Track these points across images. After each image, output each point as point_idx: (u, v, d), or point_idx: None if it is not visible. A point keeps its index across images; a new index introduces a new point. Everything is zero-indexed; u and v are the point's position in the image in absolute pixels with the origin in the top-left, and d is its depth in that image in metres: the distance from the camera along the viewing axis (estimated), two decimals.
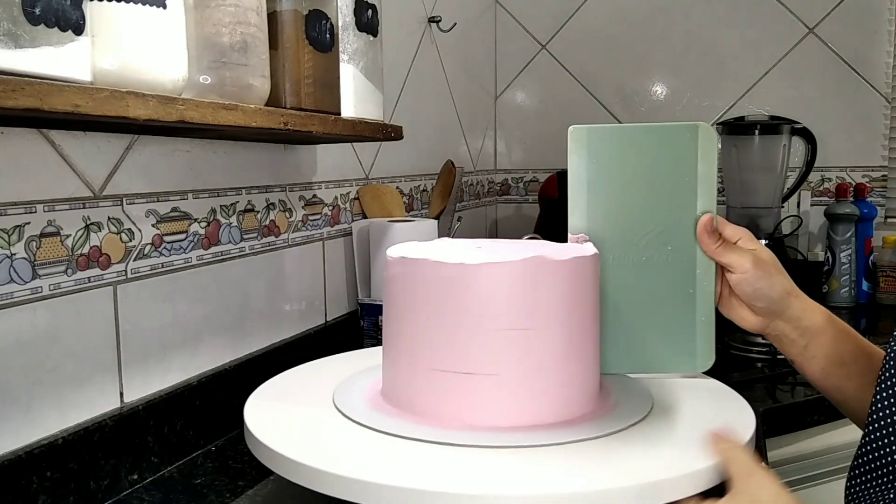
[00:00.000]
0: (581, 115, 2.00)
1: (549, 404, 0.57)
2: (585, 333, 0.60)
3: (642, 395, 0.64)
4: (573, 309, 0.58)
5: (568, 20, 1.99)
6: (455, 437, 0.54)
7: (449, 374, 0.57)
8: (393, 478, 0.48)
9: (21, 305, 0.65)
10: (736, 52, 1.87)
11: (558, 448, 0.53)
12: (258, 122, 0.70)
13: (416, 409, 0.59)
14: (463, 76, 1.81)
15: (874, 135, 1.80)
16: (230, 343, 0.92)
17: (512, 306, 0.56)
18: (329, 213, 1.17)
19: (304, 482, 0.51)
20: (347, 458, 0.52)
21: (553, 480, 0.49)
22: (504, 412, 0.57)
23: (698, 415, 0.61)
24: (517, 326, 0.56)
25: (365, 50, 0.93)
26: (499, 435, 0.55)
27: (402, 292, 0.60)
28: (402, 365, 0.60)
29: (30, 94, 0.47)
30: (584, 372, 0.60)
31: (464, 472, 0.50)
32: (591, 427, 0.56)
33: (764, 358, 1.21)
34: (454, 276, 0.56)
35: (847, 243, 1.66)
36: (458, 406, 0.57)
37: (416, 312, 0.58)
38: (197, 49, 0.67)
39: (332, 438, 0.56)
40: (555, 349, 0.57)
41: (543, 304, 0.57)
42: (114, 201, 0.75)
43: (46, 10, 0.49)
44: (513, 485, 0.48)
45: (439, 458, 0.52)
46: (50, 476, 0.65)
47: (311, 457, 0.52)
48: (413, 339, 0.59)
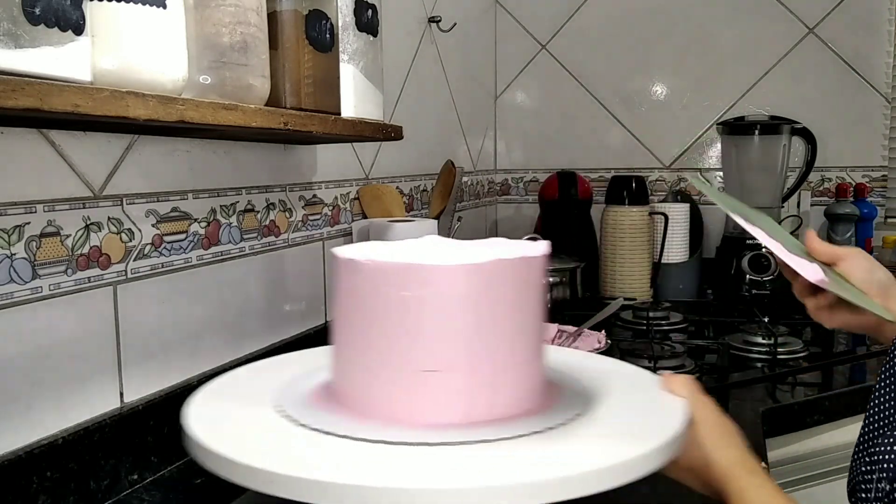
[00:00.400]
0: (581, 115, 2.00)
1: (494, 401, 0.58)
2: (533, 331, 0.61)
3: (581, 391, 0.66)
4: (522, 307, 0.59)
5: (568, 20, 1.99)
6: (402, 435, 0.54)
7: (395, 372, 0.58)
8: (335, 476, 0.48)
9: (21, 305, 0.65)
10: (736, 52, 1.87)
11: (504, 443, 0.54)
12: (258, 122, 0.70)
13: (362, 409, 0.59)
14: (463, 76, 1.81)
15: (874, 135, 1.80)
16: (230, 343, 0.92)
17: (459, 306, 0.57)
18: (329, 213, 1.17)
19: (243, 482, 0.51)
20: (287, 457, 0.52)
21: (501, 473, 0.49)
22: (451, 410, 0.57)
23: (632, 407, 0.63)
24: (464, 325, 0.57)
25: (365, 50, 0.93)
26: (446, 432, 0.55)
27: (348, 292, 0.60)
28: (350, 364, 0.61)
29: (30, 94, 0.47)
30: (531, 369, 0.61)
31: (412, 469, 0.50)
32: (537, 421, 0.57)
33: (764, 358, 1.21)
34: (398, 276, 0.57)
35: (847, 243, 1.66)
36: (404, 405, 0.57)
37: (361, 313, 0.59)
38: (197, 49, 0.67)
39: (272, 439, 0.56)
40: (502, 347, 0.58)
41: (491, 303, 0.57)
42: (114, 201, 0.75)
43: (46, 10, 0.49)
44: (457, 479, 0.48)
45: (384, 456, 0.52)
46: (50, 476, 0.65)
47: (246, 456, 0.51)
48: (359, 339, 0.59)
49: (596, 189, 1.91)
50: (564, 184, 1.82)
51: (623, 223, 1.65)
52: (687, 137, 1.94)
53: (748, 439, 0.59)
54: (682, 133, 1.94)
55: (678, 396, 0.59)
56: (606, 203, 1.70)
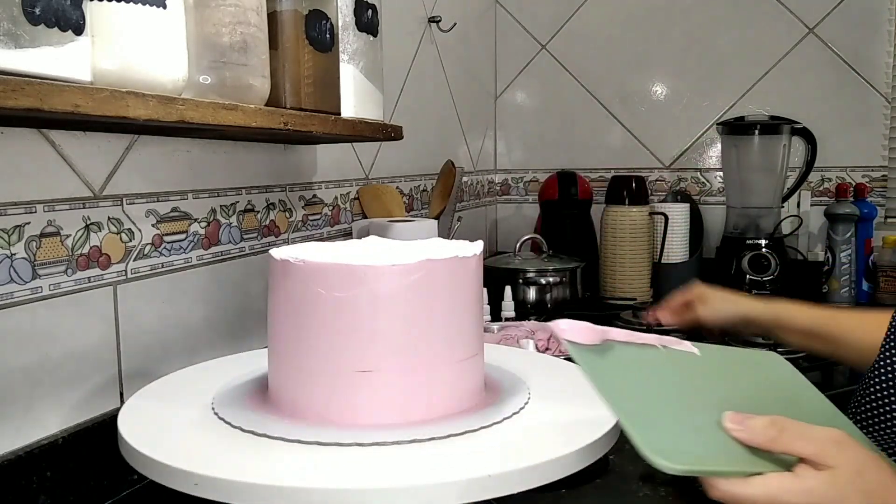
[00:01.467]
0: (581, 115, 2.00)
1: (430, 401, 0.59)
2: (469, 330, 0.62)
3: (521, 387, 0.67)
4: (456, 307, 0.60)
5: (568, 20, 1.99)
6: (337, 435, 0.55)
7: (330, 373, 0.58)
8: (266, 477, 0.48)
9: (21, 305, 0.65)
10: (736, 52, 1.87)
11: (437, 442, 0.54)
12: (258, 122, 0.70)
13: (297, 410, 0.59)
14: (463, 76, 1.81)
15: (874, 135, 1.80)
16: (230, 343, 0.92)
17: (391, 306, 0.57)
18: (329, 213, 1.17)
19: (171, 485, 0.51)
20: (216, 459, 0.52)
21: (431, 472, 0.49)
22: (386, 410, 0.58)
23: (571, 401, 0.64)
24: (396, 325, 0.57)
25: (365, 50, 0.93)
26: (381, 432, 0.55)
27: (283, 293, 0.61)
28: (285, 365, 0.61)
29: (30, 94, 0.47)
30: (468, 368, 0.62)
31: (343, 470, 0.50)
32: (473, 419, 0.58)
33: None
34: (330, 277, 0.57)
35: (847, 243, 1.66)
36: (340, 405, 0.58)
37: (295, 313, 0.59)
38: (197, 49, 0.67)
39: (203, 441, 0.56)
40: (437, 346, 0.59)
41: (423, 303, 0.58)
42: (114, 201, 0.75)
43: (46, 10, 0.49)
44: (386, 479, 0.49)
45: (317, 457, 0.52)
46: (50, 476, 0.65)
47: (174, 458, 0.51)
48: (294, 340, 0.60)
49: (596, 189, 1.91)
50: (564, 184, 1.82)
51: (623, 223, 1.65)
52: (687, 137, 1.94)
53: None
54: (682, 133, 1.94)
55: (789, 442, 0.47)
56: (606, 203, 1.69)
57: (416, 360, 0.58)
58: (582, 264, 1.56)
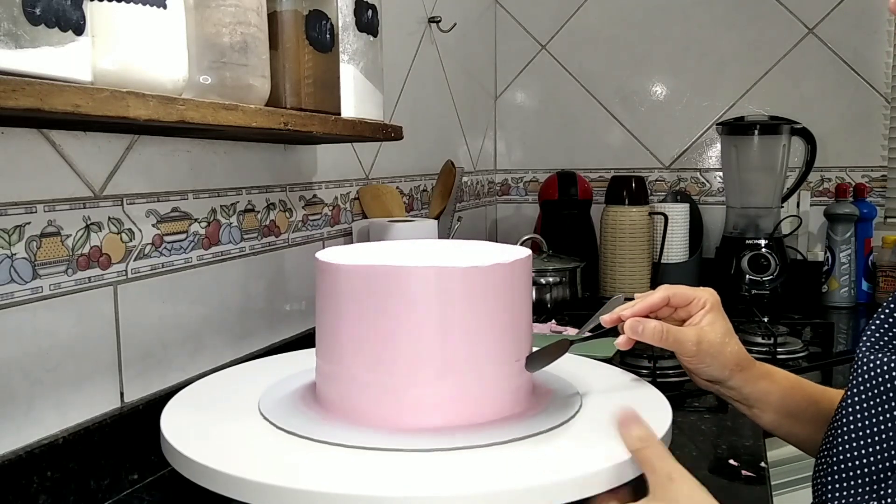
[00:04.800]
0: (581, 115, 2.00)
1: (475, 406, 0.58)
2: (517, 335, 0.61)
3: (571, 395, 0.65)
4: (503, 311, 0.59)
5: (568, 20, 1.99)
6: (389, 441, 0.54)
7: (380, 377, 0.57)
8: (317, 484, 0.48)
9: (21, 305, 0.65)
10: (735, 53, 1.87)
11: (490, 448, 0.54)
12: (258, 122, 0.71)
13: (348, 414, 0.59)
14: (463, 76, 1.81)
15: (874, 135, 1.80)
16: (230, 343, 0.92)
17: (443, 310, 0.57)
18: (329, 213, 1.17)
19: (227, 492, 0.50)
20: (272, 464, 0.52)
21: (482, 480, 0.49)
22: (434, 414, 0.57)
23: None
24: (448, 330, 0.57)
25: (365, 50, 0.93)
26: (423, 438, 0.55)
27: (333, 297, 0.60)
28: (335, 369, 0.60)
29: (30, 94, 0.47)
30: (516, 372, 0.61)
31: (395, 475, 0.50)
32: (519, 427, 0.57)
33: (764, 358, 1.20)
34: (383, 280, 0.57)
35: (847, 243, 1.66)
36: (389, 410, 0.57)
37: (347, 316, 0.59)
38: (197, 49, 0.67)
39: (255, 445, 0.56)
40: (482, 351, 0.58)
41: (474, 307, 0.57)
42: (114, 201, 0.75)
43: (47, 10, 0.49)
44: (438, 486, 0.48)
45: (369, 462, 0.52)
46: (50, 476, 0.65)
47: (230, 465, 0.51)
48: (344, 343, 0.59)
49: (596, 189, 1.91)
50: (564, 184, 1.82)
51: (623, 223, 1.65)
52: (687, 137, 1.94)
53: (748, 439, 0.59)
54: (681, 133, 1.94)
55: (645, 469, 0.51)
56: (606, 203, 1.70)
57: (462, 364, 0.57)
58: (582, 264, 1.56)
